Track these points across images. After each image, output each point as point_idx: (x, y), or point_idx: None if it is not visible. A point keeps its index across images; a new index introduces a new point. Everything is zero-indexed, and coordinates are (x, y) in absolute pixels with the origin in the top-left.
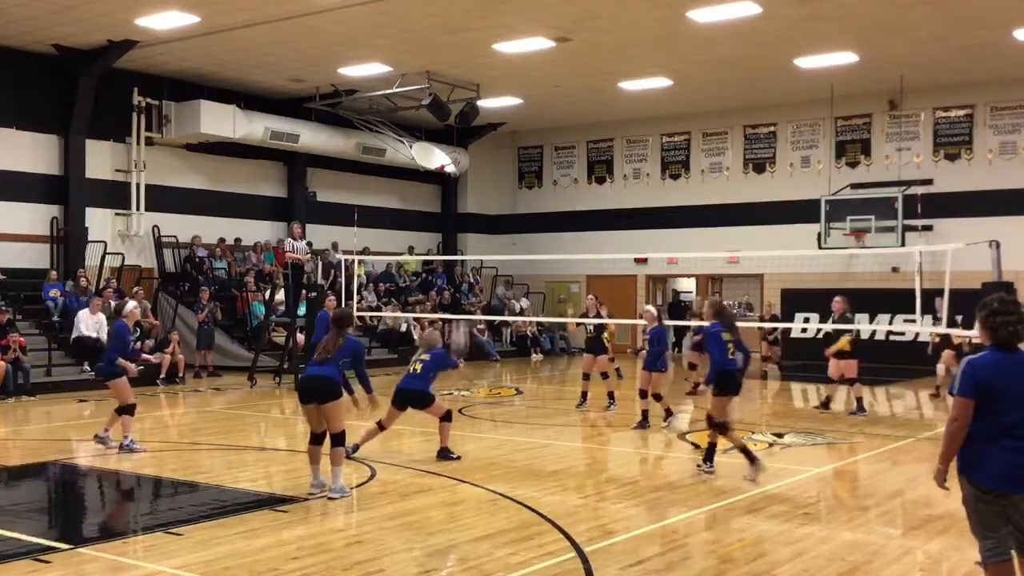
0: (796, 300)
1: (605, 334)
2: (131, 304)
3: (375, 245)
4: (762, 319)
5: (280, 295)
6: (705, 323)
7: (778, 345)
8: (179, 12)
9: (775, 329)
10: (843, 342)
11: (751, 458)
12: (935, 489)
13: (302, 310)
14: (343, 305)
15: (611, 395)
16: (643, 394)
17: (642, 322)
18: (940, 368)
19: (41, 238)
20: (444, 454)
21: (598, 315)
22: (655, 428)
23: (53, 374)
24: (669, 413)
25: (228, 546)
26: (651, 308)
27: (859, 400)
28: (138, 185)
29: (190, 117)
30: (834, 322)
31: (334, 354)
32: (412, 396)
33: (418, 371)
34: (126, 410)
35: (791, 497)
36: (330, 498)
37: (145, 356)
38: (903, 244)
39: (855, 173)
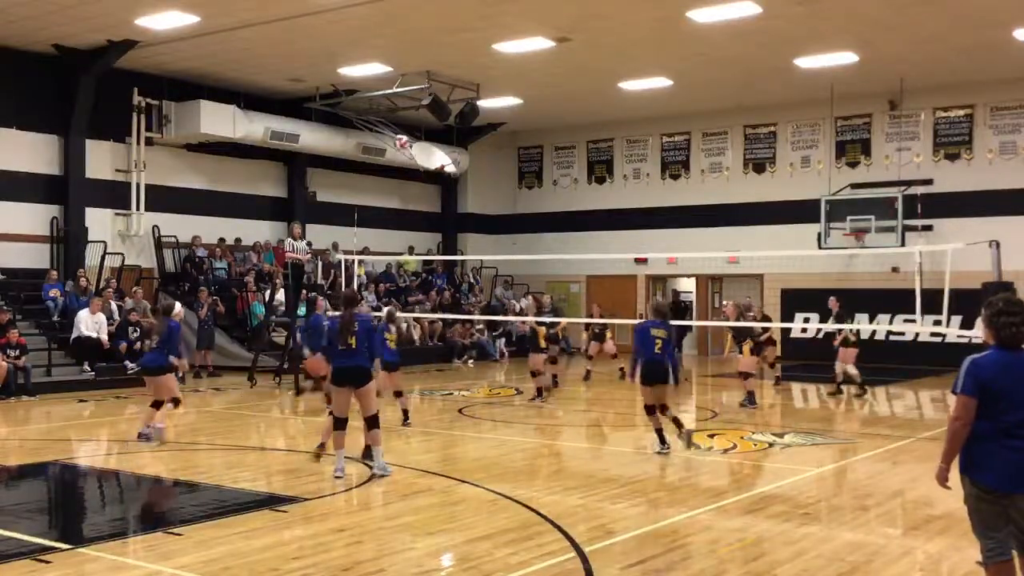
0: (796, 300)
1: (540, 335)
2: (178, 306)
3: (375, 245)
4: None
5: (280, 295)
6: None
7: (773, 345)
8: (179, 12)
9: (767, 329)
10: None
11: (662, 439)
12: (935, 489)
13: (302, 310)
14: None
15: (539, 390)
16: (397, 394)
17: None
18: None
19: (41, 238)
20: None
21: (537, 315)
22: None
23: (53, 374)
24: (405, 417)
25: (228, 546)
26: (390, 309)
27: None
28: (138, 185)
29: (190, 117)
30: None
31: (357, 340)
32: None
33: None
34: (160, 404)
35: (791, 497)
36: (379, 476)
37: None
38: (903, 244)
39: (855, 173)
